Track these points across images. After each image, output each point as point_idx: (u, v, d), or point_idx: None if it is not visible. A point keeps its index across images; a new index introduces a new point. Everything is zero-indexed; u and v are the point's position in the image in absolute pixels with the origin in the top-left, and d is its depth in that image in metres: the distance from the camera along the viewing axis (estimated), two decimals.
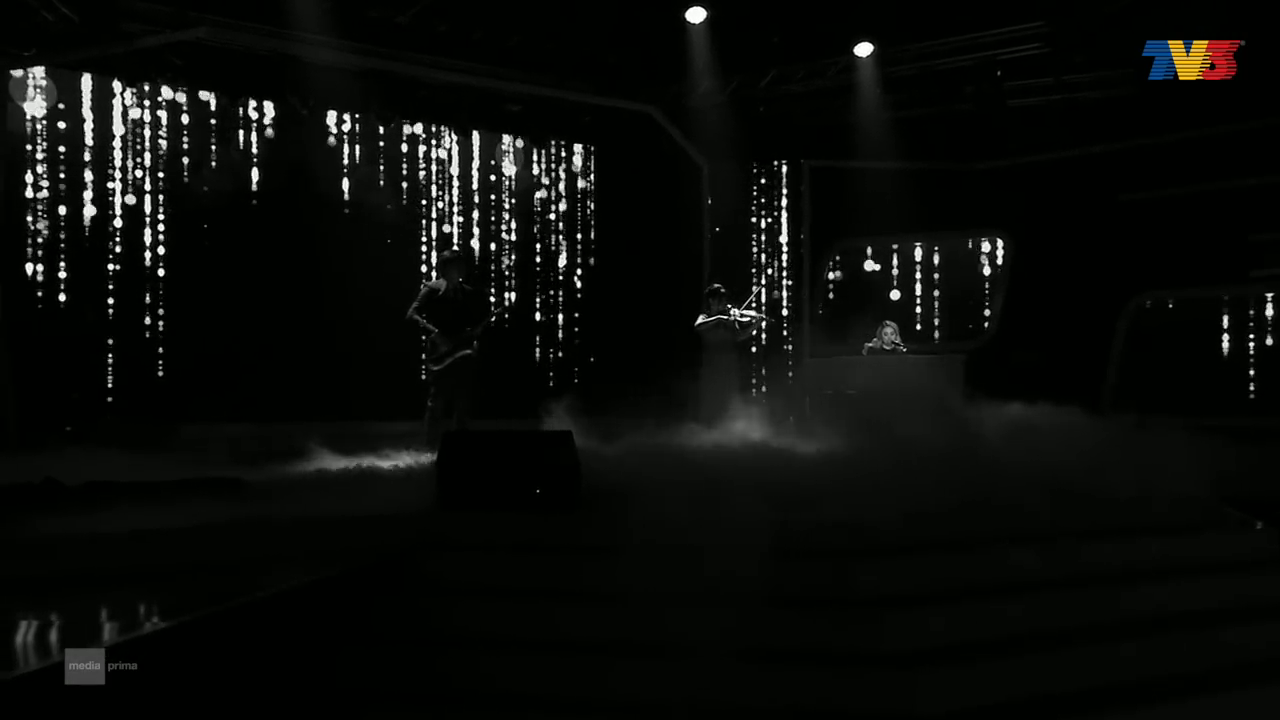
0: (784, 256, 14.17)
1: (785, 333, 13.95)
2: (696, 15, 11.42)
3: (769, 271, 14.15)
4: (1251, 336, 12.30)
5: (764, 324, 10.19)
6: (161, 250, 11.56)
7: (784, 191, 14.18)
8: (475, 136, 13.51)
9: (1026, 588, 5.19)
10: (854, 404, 9.14)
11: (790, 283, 14.11)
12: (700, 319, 10.29)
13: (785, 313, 13.90)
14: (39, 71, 10.77)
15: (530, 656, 4.81)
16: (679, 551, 5.16)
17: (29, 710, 3.06)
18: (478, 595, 5.13)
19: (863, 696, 4.38)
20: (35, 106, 10.78)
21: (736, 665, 4.68)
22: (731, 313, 10.20)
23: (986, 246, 13.87)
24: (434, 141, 13.33)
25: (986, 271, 13.84)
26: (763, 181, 14.22)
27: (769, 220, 14.22)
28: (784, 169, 14.15)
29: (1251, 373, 12.30)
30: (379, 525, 5.41)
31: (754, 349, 13.57)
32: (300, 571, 4.68)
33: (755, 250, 14.18)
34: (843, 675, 4.50)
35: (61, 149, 11.01)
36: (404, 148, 13.11)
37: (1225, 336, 12.43)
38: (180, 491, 5.89)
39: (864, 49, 11.97)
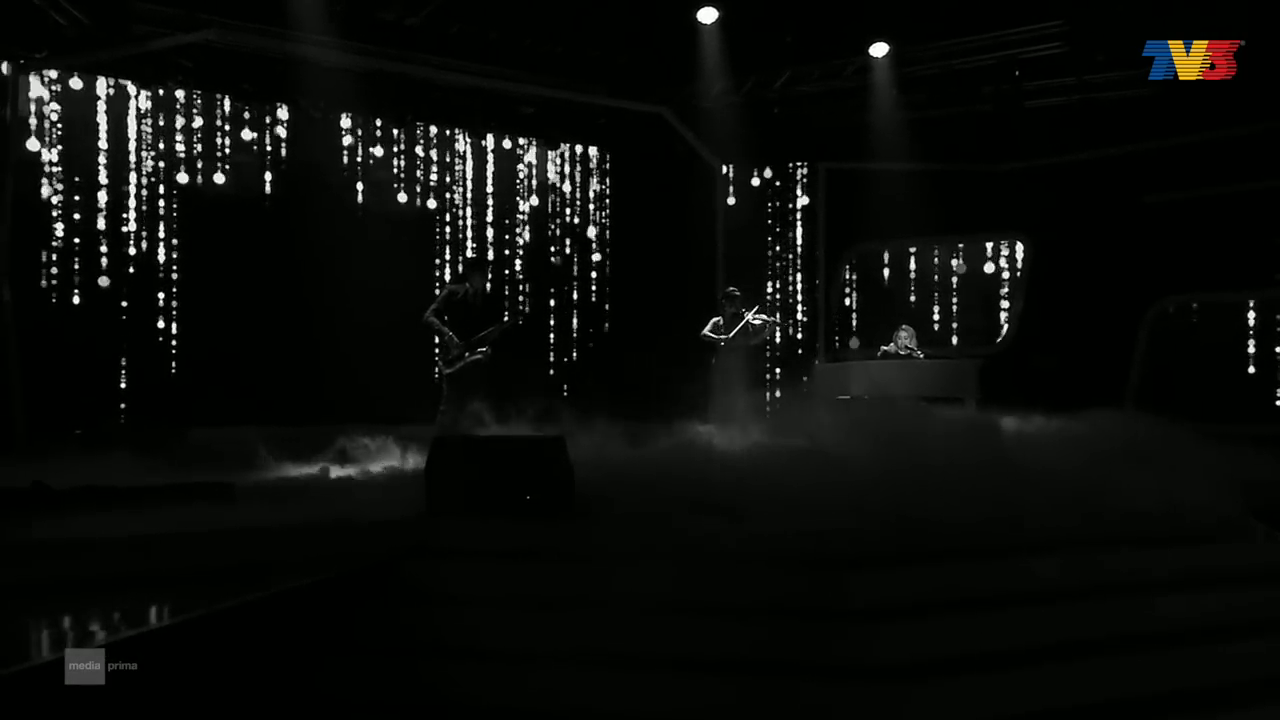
0: (799, 260, 14.00)
1: (800, 336, 13.79)
2: (708, 15, 11.29)
3: (784, 275, 13.99)
4: (1278, 341, 12.01)
5: (776, 328, 10.03)
6: (175, 255, 11.54)
7: (799, 194, 14.01)
8: (489, 139, 13.41)
9: (1033, 599, 5.03)
10: (860, 410, 8.98)
11: (805, 286, 13.93)
12: (708, 327, 10.20)
13: (801, 317, 13.72)
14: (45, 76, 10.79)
15: (517, 668, 4.69)
16: (671, 559, 5.05)
17: None
18: (464, 604, 5.01)
19: (852, 711, 4.24)
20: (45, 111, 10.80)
21: (727, 678, 4.56)
22: (744, 315, 10.09)
23: (1006, 250, 13.65)
24: (448, 144, 13.24)
25: (1006, 275, 13.63)
26: (778, 184, 14.06)
27: (784, 223, 14.05)
28: (799, 171, 13.98)
29: (1278, 378, 12.02)
30: (365, 531, 5.31)
31: (768, 352, 13.40)
32: (281, 579, 4.59)
33: (770, 253, 14.01)
34: (834, 689, 4.37)
35: (74, 152, 11.00)
36: (419, 150, 13.03)
37: (1250, 341, 12.16)
38: (169, 496, 5.81)
39: (879, 49, 11.80)
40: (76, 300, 11.00)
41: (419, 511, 5.58)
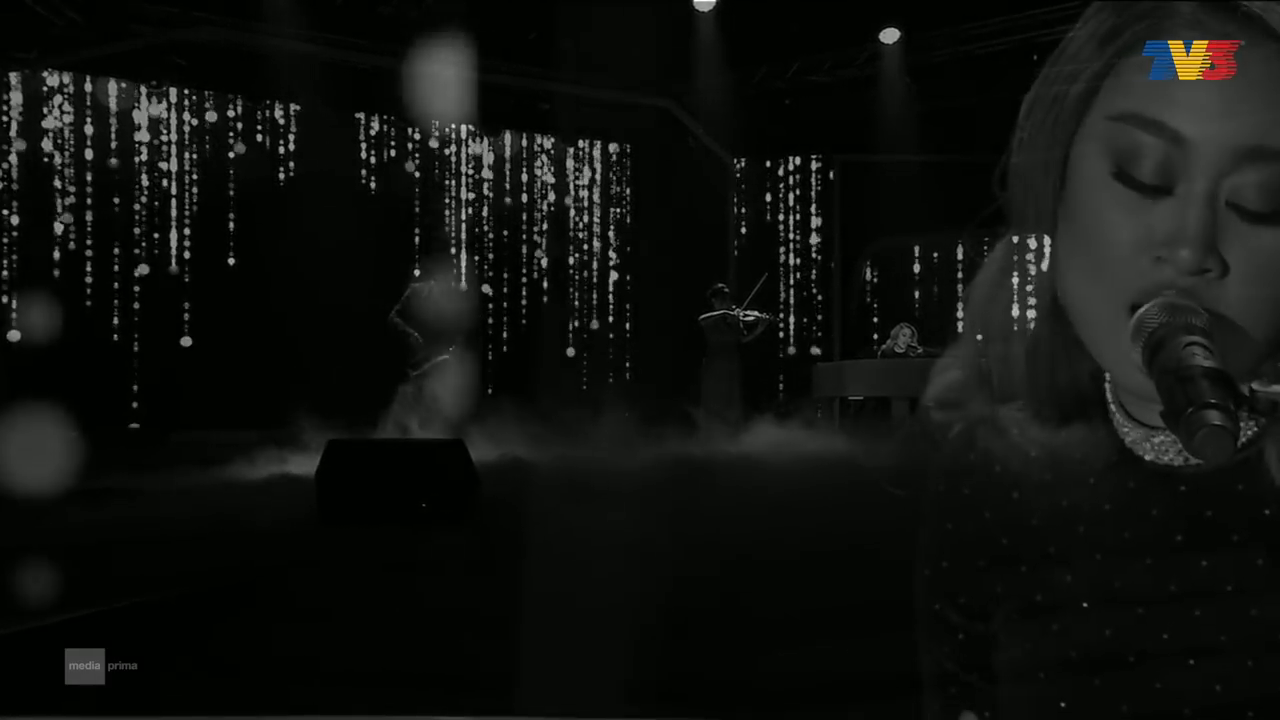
0: (814, 255, 13.51)
1: (813, 333, 13.33)
2: (705, 3, 10.93)
3: (798, 271, 13.51)
4: None
5: (771, 323, 9.61)
6: (184, 255, 11.53)
7: (814, 187, 13.52)
8: (506, 136, 13.17)
9: None
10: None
11: (820, 283, 13.45)
12: (702, 316, 9.88)
13: (817, 314, 13.22)
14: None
15: (390, 689, 4.39)
16: (567, 572, 4.72)
17: None
18: (340, 620, 4.73)
19: None
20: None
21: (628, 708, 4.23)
22: (734, 311, 9.73)
23: (1033, 244, 12.99)
24: (464, 141, 13.03)
25: (1032, 271, 12.97)
26: (795, 178, 13.58)
27: (798, 218, 13.57)
28: (814, 164, 13.49)
29: None
30: (246, 540, 5.04)
31: (779, 352, 12.96)
32: (140, 593, 4.35)
33: (783, 249, 13.54)
34: None
35: (73, 151, 11.02)
36: (434, 146, 12.85)
37: None
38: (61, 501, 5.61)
39: (890, 35, 11.32)
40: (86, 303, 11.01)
41: (308, 520, 5.30)
